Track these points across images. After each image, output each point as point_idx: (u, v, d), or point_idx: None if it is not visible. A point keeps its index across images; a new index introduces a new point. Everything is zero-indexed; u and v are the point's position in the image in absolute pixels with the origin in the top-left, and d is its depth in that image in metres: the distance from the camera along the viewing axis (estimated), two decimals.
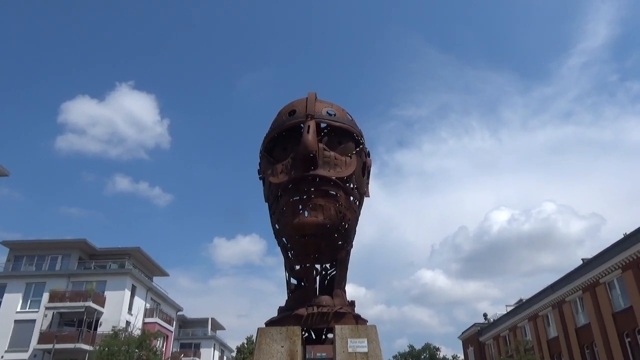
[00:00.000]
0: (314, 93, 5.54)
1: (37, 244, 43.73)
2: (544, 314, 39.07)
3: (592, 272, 31.52)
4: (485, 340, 52.19)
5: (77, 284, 40.95)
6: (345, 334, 4.90)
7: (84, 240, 43.74)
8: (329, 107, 5.54)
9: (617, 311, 29.39)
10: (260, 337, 5.00)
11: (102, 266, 44.21)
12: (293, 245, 5.50)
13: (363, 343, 4.83)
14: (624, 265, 28.17)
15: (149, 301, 46.79)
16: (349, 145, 5.46)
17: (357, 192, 5.54)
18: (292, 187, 5.16)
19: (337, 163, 5.21)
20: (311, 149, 4.94)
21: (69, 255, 43.79)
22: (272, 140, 5.61)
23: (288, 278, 5.81)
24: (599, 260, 31.05)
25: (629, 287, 27.76)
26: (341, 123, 5.44)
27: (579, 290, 33.42)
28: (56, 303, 38.41)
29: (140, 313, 42.93)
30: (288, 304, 5.50)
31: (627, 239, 28.30)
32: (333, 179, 5.13)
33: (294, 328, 5.01)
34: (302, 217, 5.00)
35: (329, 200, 5.07)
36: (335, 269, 5.74)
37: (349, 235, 5.54)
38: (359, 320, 5.20)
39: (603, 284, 30.62)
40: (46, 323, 38.53)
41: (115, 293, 40.79)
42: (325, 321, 5.09)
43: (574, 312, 34.64)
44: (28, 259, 43.46)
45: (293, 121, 5.36)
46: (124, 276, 42.20)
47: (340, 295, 5.44)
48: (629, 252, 27.50)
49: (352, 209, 5.41)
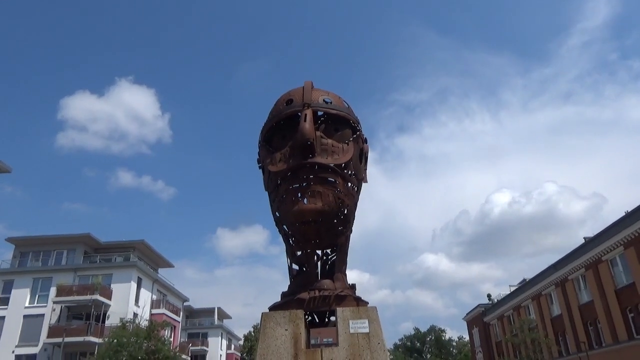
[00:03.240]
0: (310, 82, 5.61)
1: (42, 239, 44.06)
2: (547, 292, 39.38)
3: (595, 250, 31.72)
4: (489, 321, 52.68)
5: (83, 277, 41.39)
6: (346, 316, 5.03)
7: (88, 235, 44.05)
8: (325, 95, 5.61)
9: (619, 287, 29.65)
10: (264, 322, 5.13)
11: (108, 259, 44.60)
12: (293, 232, 5.61)
13: (364, 324, 4.97)
14: (626, 242, 28.34)
15: (155, 292, 47.23)
16: (346, 132, 5.54)
17: (355, 178, 5.63)
18: (291, 175, 5.25)
19: (335, 150, 5.30)
20: (308, 137, 5.03)
21: (74, 250, 44.18)
22: (270, 129, 5.69)
23: (290, 264, 5.93)
24: (601, 238, 31.23)
25: (631, 264, 27.98)
26: (338, 110, 5.51)
27: (581, 269, 33.66)
28: (64, 297, 38.84)
29: (147, 304, 43.38)
30: (291, 289, 5.63)
31: (628, 217, 28.45)
32: (331, 166, 5.21)
33: (297, 312, 5.13)
34: (302, 204, 5.10)
35: (327, 187, 5.17)
36: (336, 253, 5.85)
37: (348, 221, 5.65)
38: (359, 302, 5.32)
39: (605, 262, 30.83)
40: (55, 317, 39.02)
41: (122, 285, 41.20)
42: (327, 304, 5.21)
43: (577, 290, 34.93)
44: (34, 254, 43.86)
45: (290, 110, 5.43)
46: (130, 269, 42.57)
47: (341, 279, 5.56)
48: (631, 229, 27.65)
49: (351, 194, 5.51)
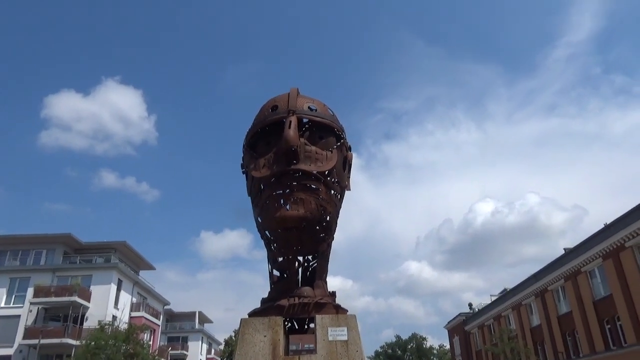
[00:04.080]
0: (296, 89, 5.65)
1: (20, 238, 43.08)
2: (527, 302, 39.79)
3: (574, 261, 32.15)
4: (470, 330, 53.00)
5: (62, 278, 40.60)
6: (325, 323, 5.06)
7: (68, 235, 43.23)
8: (310, 102, 5.65)
9: (597, 299, 30.06)
10: (243, 328, 5.12)
11: (88, 260, 43.85)
12: (275, 238, 5.63)
13: (343, 331, 4.99)
14: (605, 254, 28.78)
15: (136, 295, 46.60)
16: (330, 139, 5.59)
17: (338, 186, 5.67)
18: (274, 181, 5.28)
19: (318, 157, 5.34)
20: (292, 144, 5.07)
21: (54, 250, 43.34)
22: (254, 135, 5.72)
23: (271, 270, 5.94)
24: (581, 249, 31.66)
25: (609, 276, 28.41)
26: (322, 118, 5.56)
27: (561, 279, 34.08)
28: (41, 298, 38.02)
29: (126, 307, 42.77)
30: (271, 295, 5.64)
31: (607, 229, 28.90)
32: (314, 173, 5.25)
33: (276, 318, 5.14)
34: (284, 211, 5.13)
35: (310, 194, 5.21)
36: (317, 260, 5.89)
37: (330, 228, 5.68)
38: (339, 310, 5.36)
39: (584, 273, 31.27)
40: (31, 318, 38.21)
41: (101, 287, 40.55)
42: (307, 311, 5.23)
43: (556, 301, 35.35)
44: (12, 254, 42.90)
45: (275, 116, 5.46)
46: (110, 270, 41.93)
47: (321, 286, 5.60)
48: (609, 241, 28.09)
49: (333, 202, 5.55)
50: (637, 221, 25.72)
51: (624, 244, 26.86)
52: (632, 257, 26.43)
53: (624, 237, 26.79)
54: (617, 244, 27.53)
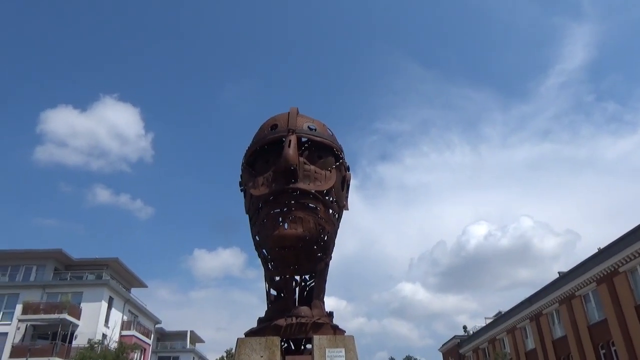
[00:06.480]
0: (295, 108, 5.70)
1: (10, 254, 42.35)
2: (521, 326, 39.53)
3: (568, 284, 32.10)
4: (465, 353, 52.47)
5: (52, 295, 39.96)
6: (323, 344, 5.00)
7: (59, 250, 42.63)
8: (310, 122, 5.69)
9: (592, 323, 29.93)
10: (239, 348, 5.06)
11: (79, 277, 43.15)
12: (273, 257, 5.60)
13: (340, 353, 4.94)
14: (599, 278, 28.78)
15: (127, 313, 45.92)
16: (329, 159, 5.62)
17: (337, 205, 5.68)
18: (272, 199, 5.27)
19: (317, 177, 5.35)
20: (292, 163, 5.08)
21: (44, 266, 42.70)
22: (253, 153, 5.74)
23: (268, 289, 5.90)
24: (575, 273, 31.65)
25: (604, 300, 28.35)
26: (322, 138, 5.59)
27: (555, 303, 33.95)
28: (30, 315, 37.36)
29: (117, 325, 42.11)
30: (267, 315, 5.58)
31: (601, 253, 28.97)
32: (313, 192, 5.25)
33: (273, 338, 5.08)
34: (282, 230, 5.11)
35: (308, 213, 5.20)
36: (314, 280, 5.84)
37: (328, 247, 5.66)
38: (336, 330, 5.30)
39: (579, 297, 31.19)
40: (19, 336, 37.47)
41: (92, 305, 39.94)
42: (304, 331, 5.17)
43: (551, 325, 35.15)
44: (1, 269, 42.20)
45: (275, 135, 5.49)
46: (101, 287, 41.35)
47: (319, 306, 5.55)
48: (603, 265, 28.14)
49: (331, 221, 5.54)
50: (630, 246, 25.82)
51: (618, 268, 26.90)
52: (626, 282, 26.44)
53: (617, 261, 26.86)
54: (611, 269, 27.56)
